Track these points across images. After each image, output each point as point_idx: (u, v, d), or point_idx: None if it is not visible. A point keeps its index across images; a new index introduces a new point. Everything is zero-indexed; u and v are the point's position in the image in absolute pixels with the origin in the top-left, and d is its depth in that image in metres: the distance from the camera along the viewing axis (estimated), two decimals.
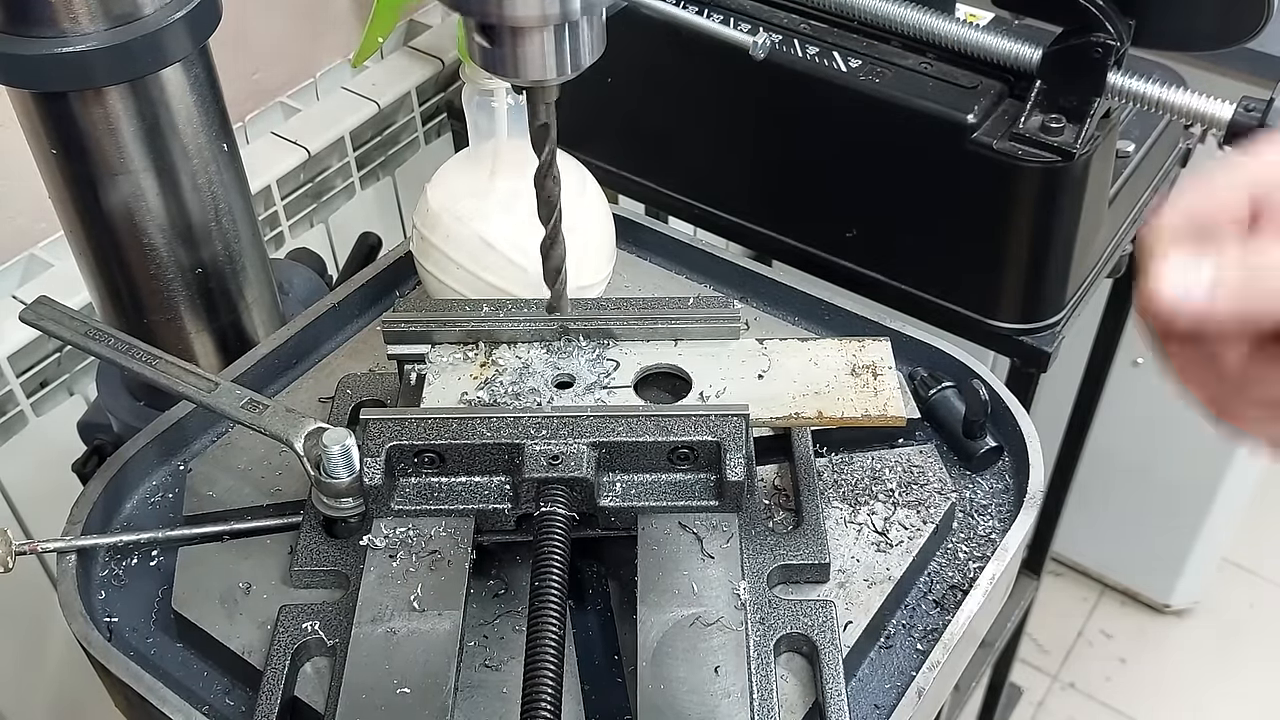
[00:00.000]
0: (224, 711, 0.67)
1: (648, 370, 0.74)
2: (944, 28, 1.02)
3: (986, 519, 0.76)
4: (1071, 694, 2.03)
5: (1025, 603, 1.56)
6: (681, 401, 0.72)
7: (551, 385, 0.72)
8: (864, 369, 0.73)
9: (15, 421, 1.14)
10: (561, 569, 0.62)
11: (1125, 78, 0.94)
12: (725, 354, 0.75)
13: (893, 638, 0.70)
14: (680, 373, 0.74)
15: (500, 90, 0.85)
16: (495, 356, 0.74)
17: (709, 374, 0.74)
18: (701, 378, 0.73)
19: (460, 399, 0.71)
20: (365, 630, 0.63)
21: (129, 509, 0.78)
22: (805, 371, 0.74)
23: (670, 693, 0.60)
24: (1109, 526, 1.99)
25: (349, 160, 1.38)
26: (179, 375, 0.72)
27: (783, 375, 0.74)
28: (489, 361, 0.74)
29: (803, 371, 0.74)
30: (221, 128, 0.83)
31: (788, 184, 1.12)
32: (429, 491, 0.68)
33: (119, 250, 0.83)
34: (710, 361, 0.74)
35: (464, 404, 0.71)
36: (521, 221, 0.78)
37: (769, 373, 0.74)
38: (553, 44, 0.56)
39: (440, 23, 1.48)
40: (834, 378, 0.73)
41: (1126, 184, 1.10)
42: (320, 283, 1.09)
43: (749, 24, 1.08)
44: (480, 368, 0.73)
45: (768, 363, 0.74)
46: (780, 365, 0.74)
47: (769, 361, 0.74)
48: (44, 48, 0.72)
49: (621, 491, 0.67)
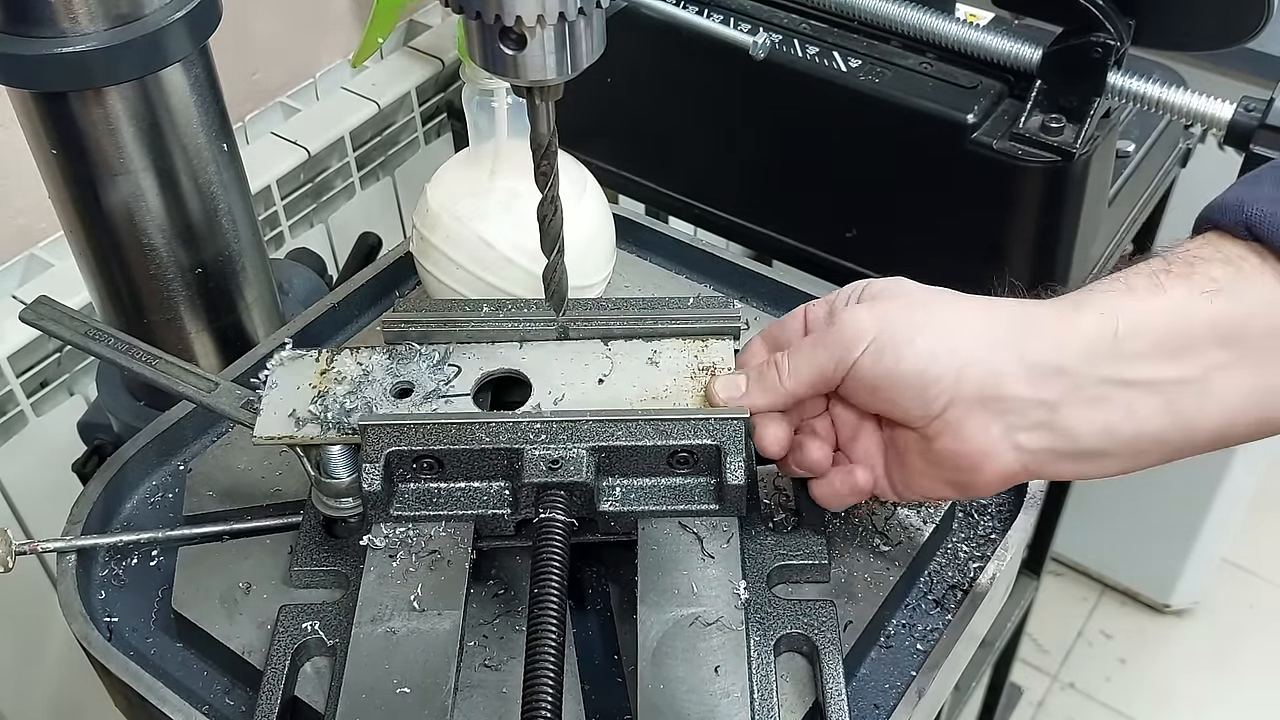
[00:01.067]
0: (224, 711, 0.67)
1: (489, 375, 0.73)
2: (944, 28, 1.02)
3: (986, 519, 0.76)
4: (1071, 694, 2.03)
5: (1025, 603, 1.56)
6: (523, 408, 0.71)
7: (390, 394, 0.70)
8: (703, 370, 0.72)
9: (15, 421, 1.14)
10: (561, 573, 0.62)
11: (1125, 78, 0.94)
12: (568, 356, 0.74)
13: (893, 638, 0.70)
14: (521, 376, 0.73)
15: (500, 90, 0.85)
16: (335, 364, 0.72)
17: (551, 378, 0.72)
18: (542, 382, 0.72)
19: (290, 416, 0.69)
20: (365, 630, 0.63)
21: (129, 509, 0.78)
22: (645, 374, 0.73)
23: (670, 693, 0.60)
24: (1109, 526, 1.99)
25: (349, 160, 1.38)
26: (179, 375, 0.72)
27: (623, 379, 0.72)
28: (329, 369, 0.72)
29: (642, 374, 0.73)
30: (221, 128, 0.83)
31: (788, 184, 1.12)
32: (428, 497, 0.67)
33: (119, 250, 0.83)
34: (554, 365, 0.73)
35: (296, 422, 0.69)
36: (521, 221, 0.78)
37: (610, 376, 0.73)
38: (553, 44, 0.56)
39: (440, 23, 1.48)
40: (673, 381, 0.72)
41: (1126, 184, 1.10)
42: (320, 283, 1.09)
43: (749, 24, 1.08)
44: (320, 376, 0.71)
45: (610, 365, 0.73)
46: (621, 368, 0.73)
47: (611, 364, 0.73)
48: (44, 48, 0.72)
49: (621, 496, 0.67)
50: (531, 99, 0.61)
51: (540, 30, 0.55)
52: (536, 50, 0.56)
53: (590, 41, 0.58)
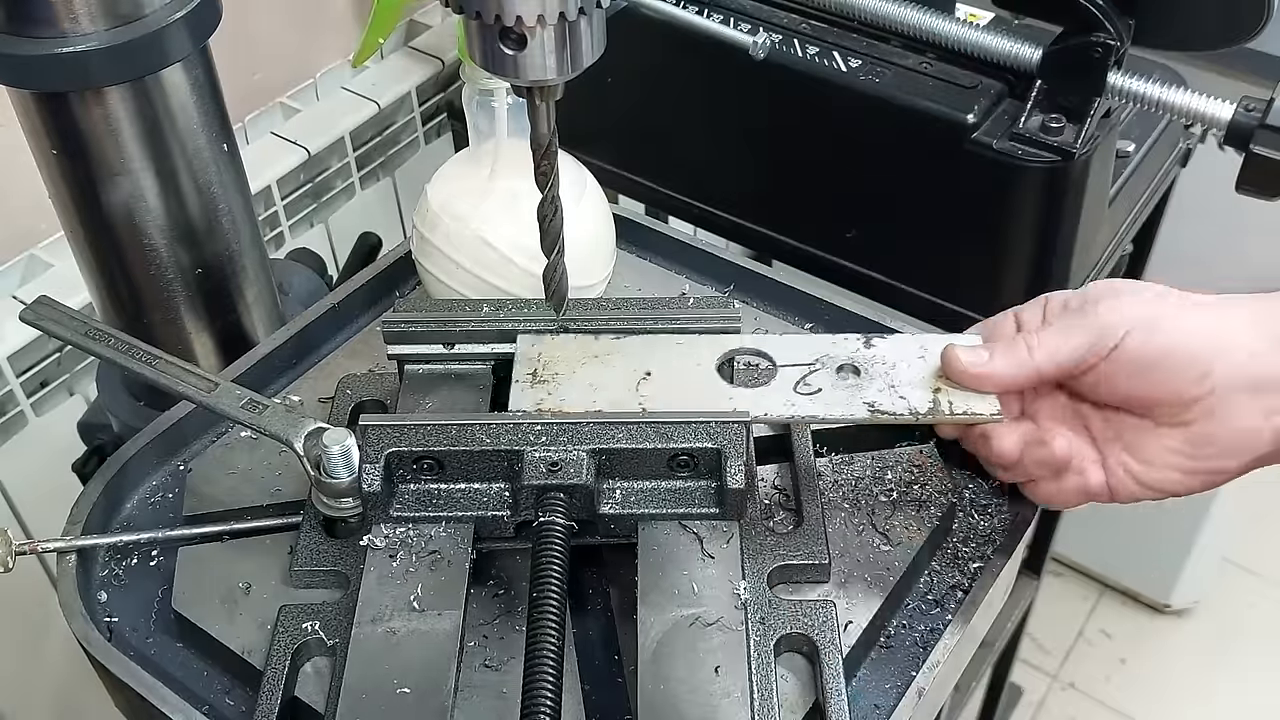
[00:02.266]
0: (224, 711, 0.67)
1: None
2: (944, 28, 1.02)
3: (986, 519, 0.75)
4: (1071, 694, 2.03)
5: (1025, 603, 1.57)
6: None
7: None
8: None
9: (15, 421, 1.14)
10: (560, 576, 0.61)
11: (1125, 78, 0.94)
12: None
13: (893, 638, 0.70)
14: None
15: (500, 90, 0.85)
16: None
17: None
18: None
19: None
20: (365, 630, 0.63)
21: (129, 509, 0.78)
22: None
23: (670, 693, 0.60)
24: (1109, 526, 1.99)
25: (349, 160, 1.38)
26: (179, 375, 0.72)
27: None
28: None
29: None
30: (221, 128, 0.83)
31: (788, 184, 1.12)
32: (428, 498, 0.67)
33: (119, 250, 0.83)
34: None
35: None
36: (521, 221, 0.78)
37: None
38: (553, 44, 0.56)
39: (440, 23, 1.48)
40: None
41: (1126, 184, 1.10)
42: (320, 283, 1.09)
43: (749, 24, 1.08)
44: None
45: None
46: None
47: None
48: (44, 48, 0.72)
49: (621, 499, 0.67)
50: (531, 99, 0.61)
51: (540, 30, 0.56)
52: (537, 50, 0.56)
53: (590, 41, 0.58)
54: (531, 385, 0.71)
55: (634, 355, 0.73)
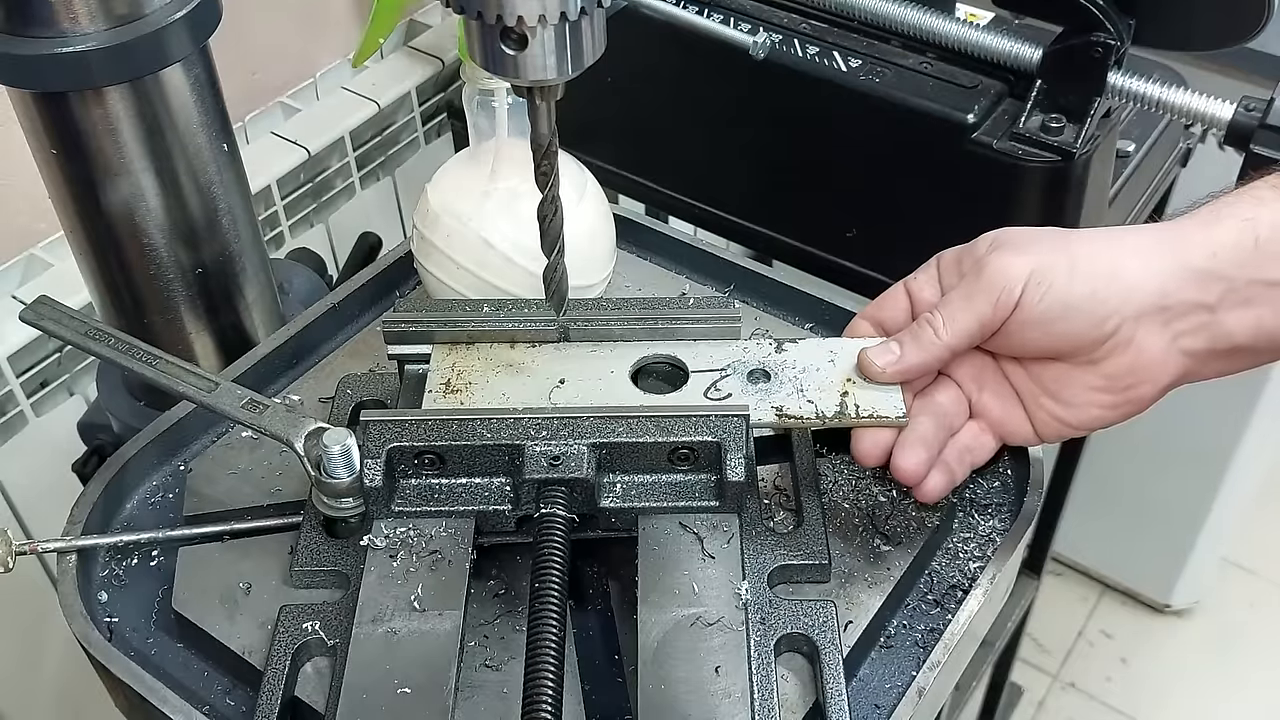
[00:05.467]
0: (224, 711, 0.67)
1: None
2: (944, 27, 1.02)
3: (986, 519, 0.75)
4: (1071, 694, 2.03)
5: (1025, 603, 1.57)
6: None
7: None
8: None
9: (15, 421, 1.14)
10: (561, 571, 0.62)
11: (1125, 77, 0.94)
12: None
13: (893, 638, 0.70)
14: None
15: (500, 90, 0.85)
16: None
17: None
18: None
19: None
20: (365, 630, 0.63)
21: (129, 509, 0.78)
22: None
23: (670, 693, 0.60)
24: (1109, 526, 1.99)
25: (349, 160, 1.38)
26: (179, 375, 0.72)
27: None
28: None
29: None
30: (221, 128, 0.83)
31: (788, 184, 1.12)
32: (429, 493, 0.68)
33: (119, 250, 0.83)
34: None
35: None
36: (521, 221, 0.78)
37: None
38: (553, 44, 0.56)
39: (440, 23, 1.48)
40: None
41: (1126, 184, 1.10)
42: (320, 283, 1.09)
43: (749, 24, 1.08)
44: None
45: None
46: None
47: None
48: (44, 48, 0.72)
49: (622, 492, 0.67)
50: (532, 99, 0.61)
51: (541, 30, 0.55)
52: (537, 50, 0.56)
53: (591, 41, 0.58)
54: (444, 395, 0.72)
55: (548, 364, 0.74)
